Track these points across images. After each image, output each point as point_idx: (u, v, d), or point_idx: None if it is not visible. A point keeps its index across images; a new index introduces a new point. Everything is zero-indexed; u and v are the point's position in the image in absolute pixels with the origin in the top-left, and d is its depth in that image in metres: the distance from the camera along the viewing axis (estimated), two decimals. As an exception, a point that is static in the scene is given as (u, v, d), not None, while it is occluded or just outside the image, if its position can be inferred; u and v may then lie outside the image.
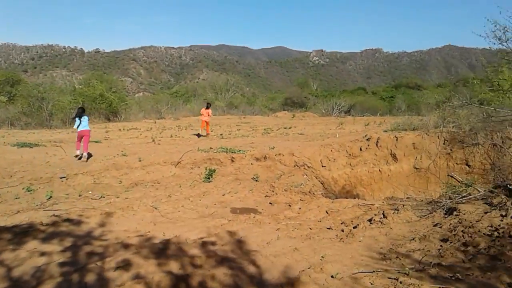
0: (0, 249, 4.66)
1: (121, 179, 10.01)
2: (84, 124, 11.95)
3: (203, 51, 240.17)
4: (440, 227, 5.23)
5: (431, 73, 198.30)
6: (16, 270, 4.07)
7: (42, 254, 4.51)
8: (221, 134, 19.66)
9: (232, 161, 11.60)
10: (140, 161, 11.31)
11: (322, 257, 4.43)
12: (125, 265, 4.09)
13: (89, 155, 12.10)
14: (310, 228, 5.69)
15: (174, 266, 4.10)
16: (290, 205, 7.46)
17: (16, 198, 7.91)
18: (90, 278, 3.85)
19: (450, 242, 4.61)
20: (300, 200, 7.88)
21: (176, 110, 39.87)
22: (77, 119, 11.96)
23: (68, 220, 5.88)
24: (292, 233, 5.40)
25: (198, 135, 19.59)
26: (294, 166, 11.65)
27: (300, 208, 7.18)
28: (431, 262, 4.09)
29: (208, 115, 19.37)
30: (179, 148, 13.77)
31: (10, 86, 35.88)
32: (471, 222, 5.03)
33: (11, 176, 9.87)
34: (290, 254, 4.51)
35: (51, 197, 7.97)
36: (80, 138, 11.86)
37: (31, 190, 8.58)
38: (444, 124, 14.04)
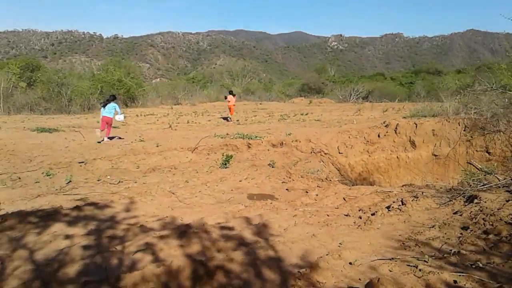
0: (25, 232, 4.75)
1: (138, 164, 10.09)
2: (107, 110, 12.71)
3: (220, 36, 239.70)
4: (460, 215, 5.13)
5: (453, 59, 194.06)
6: (39, 253, 4.13)
7: (65, 237, 4.57)
8: (238, 120, 19.67)
9: (249, 147, 11.58)
10: (157, 146, 11.39)
11: (340, 243, 4.39)
12: (145, 249, 4.13)
13: (110, 139, 13.04)
14: (328, 215, 5.65)
15: (193, 250, 4.12)
16: (307, 192, 7.42)
17: (36, 182, 8.05)
18: (111, 261, 3.90)
19: (471, 230, 4.52)
20: (317, 186, 7.83)
21: (193, 96, 39.95)
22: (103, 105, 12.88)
23: (89, 204, 5.96)
24: (309, 219, 5.37)
25: (226, 119, 20.67)
26: (311, 152, 11.59)
27: (317, 195, 7.13)
28: (451, 250, 4.02)
29: (232, 101, 21.01)
30: (196, 134, 13.82)
31: (30, 71, 36.35)
32: (492, 210, 4.92)
33: (31, 161, 10.07)
34: (308, 240, 4.48)
35: (70, 181, 8.09)
36: (103, 122, 12.73)
37: (50, 175, 8.72)
38: (465, 111, 13.76)
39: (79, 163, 9.88)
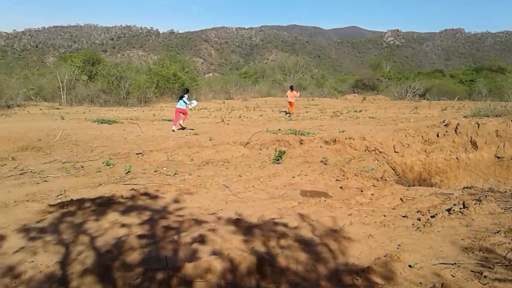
0: (85, 219, 4.98)
1: (192, 157, 10.31)
2: (180, 102, 14.71)
3: (273, 31, 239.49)
4: (528, 221, 4.83)
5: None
6: (99, 240, 4.32)
7: (123, 225, 4.75)
8: (289, 116, 19.58)
9: (301, 143, 11.51)
10: (210, 140, 11.58)
11: (398, 245, 4.25)
12: (201, 240, 4.21)
13: (182, 128, 14.80)
14: (384, 215, 5.49)
15: (248, 244, 4.15)
16: (362, 191, 7.26)
17: (98, 172, 8.42)
18: (168, 251, 4.00)
19: (540, 238, 4.24)
20: (372, 186, 7.64)
21: (245, 91, 40.32)
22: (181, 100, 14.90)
23: (146, 194, 6.16)
24: (365, 219, 5.24)
25: (288, 114, 21.70)
26: (365, 150, 11.33)
27: (372, 194, 6.95)
28: (518, 258, 3.79)
29: (292, 97, 21.85)
30: (248, 129, 13.92)
31: (91, 65, 38.10)
32: None
33: (92, 151, 10.57)
34: (365, 241, 4.38)
35: (129, 171, 8.39)
36: (177, 113, 14.73)
37: (110, 165, 9.10)
38: (533, 111, 12.91)
39: (137, 154, 10.26)
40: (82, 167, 8.82)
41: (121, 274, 3.54)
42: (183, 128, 14.78)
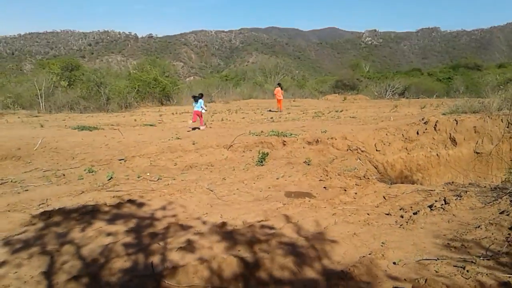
0: (70, 228, 4.92)
1: (176, 161, 10.25)
2: (197, 105, 15.86)
3: (252, 34, 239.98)
4: (508, 215, 4.94)
5: (493, 53, 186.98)
6: (85, 249, 4.27)
7: (108, 234, 4.71)
8: (272, 118, 19.64)
9: (284, 144, 11.55)
10: (193, 144, 11.53)
11: (382, 243, 4.31)
12: (187, 246, 4.19)
13: (196, 128, 15.78)
14: (368, 214, 5.56)
15: (234, 248, 4.15)
16: (345, 190, 7.33)
17: (80, 179, 8.31)
18: (155, 257, 3.98)
19: (520, 231, 4.35)
20: (356, 184, 7.72)
21: (226, 94, 40.27)
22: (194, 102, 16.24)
23: (130, 201, 6.10)
24: (349, 218, 5.30)
25: (277, 111, 23.20)
26: (347, 150, 11.44)
27: (356, 193, 7.03)
28: (499, 251, 3.88)
29: (280, 94, 23.64)
30: (231, 132, 13.91)
31: (69, 71, 37.53)
32: (542, 210, 4.71)
33: (73, 158, 10.41)
34: (349, 239, 4.43)
35: (111, 178, 8.30)
36: (195, 115, 15.88)
37: (92, 172, 8.98)
38: (508, 106, 13.21)
39: (119, 160, 10.14)
40: (64, 175, 8.68)
41: (107, 282, 3.50)
42: (194, 129, 15.76)
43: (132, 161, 10.10)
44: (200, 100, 15.95)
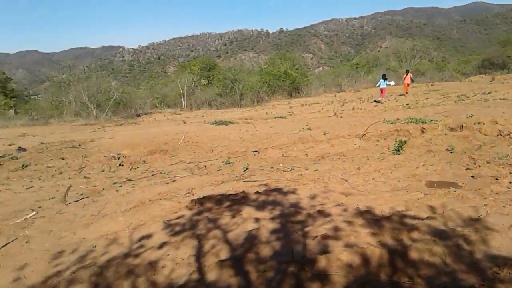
0: (220, 214, 5.30)
1: (307, 152, 10.30)
2: (383, 83, 22.53)
3: (386, 17, 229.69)
4: None
5: None
6: (231, 234, 4.54)
7: (255, 220, 4.95)
8: (407, 104, 18.43)
9: (423, 132, 10.77)
10: (324, 134, 11.45)
11: (547, 239, 3.73)
12: (331, 234, 4.18)
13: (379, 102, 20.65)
14: (527, 206, 4.87)
15: (384, 238, 3.99)
16: (497, 179, 6.52)
17: (219, 170, 8.91)
18: (298, 244, 4.04)
19: None
20: (510, 173, 6.81)
21: (357, 82, 39.23)
22: (381, 80, 22.83)
23: (273, 190, 6.34)
24: (503, 209, 4.70)
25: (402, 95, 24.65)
26: (497, 135, 10.18)
27: (510, 182, 6.21)
28: None
29: (407, 79, 25.34)
30: (362, 121, 13.45)
31: (207, 71, 40.46)
32: None
33: (212, 151, 11.21)
34: (505, 232, 3.92)
35: (247, 169, 8.70)
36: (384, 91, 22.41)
37: (229, 163, 9.56)
38: None
39: (253, 152, 10.61)
40: (205, 166, 9.41)
41: (252, 266, 3.64)
42: (378, 102, 20.48)
43: (265, 153, 10.46)
44: (388, 79, 22.84)
